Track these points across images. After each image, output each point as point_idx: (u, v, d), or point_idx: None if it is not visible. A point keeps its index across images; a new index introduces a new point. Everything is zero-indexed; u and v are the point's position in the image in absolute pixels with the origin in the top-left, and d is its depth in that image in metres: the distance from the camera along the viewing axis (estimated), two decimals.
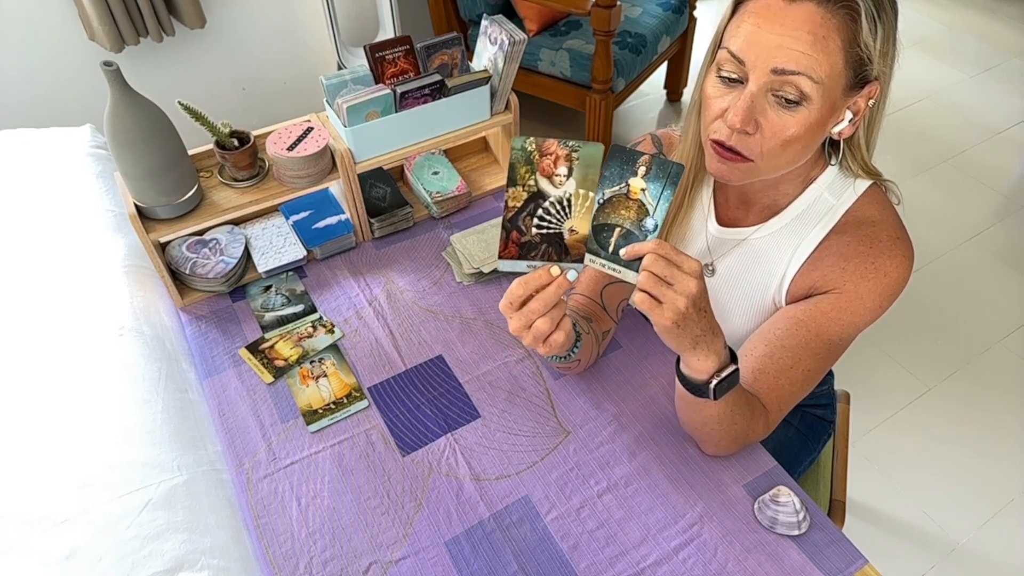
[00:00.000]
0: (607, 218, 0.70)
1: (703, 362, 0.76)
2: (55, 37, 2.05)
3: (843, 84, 0.75)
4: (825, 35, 0.72)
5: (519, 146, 0.67)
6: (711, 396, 0.77)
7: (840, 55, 0.73)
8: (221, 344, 1.12)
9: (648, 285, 0.69)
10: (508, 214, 0.69)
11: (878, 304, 0.85)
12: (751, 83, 0.75)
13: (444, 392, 1.04)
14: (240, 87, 2.43)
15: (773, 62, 0.73)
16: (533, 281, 0.71)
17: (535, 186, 0.68)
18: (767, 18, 0.73)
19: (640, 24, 2.38)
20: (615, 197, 0.69)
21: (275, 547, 0.88)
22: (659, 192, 0.68)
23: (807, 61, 0.72)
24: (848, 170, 0.88)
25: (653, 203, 0.69)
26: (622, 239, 0.70)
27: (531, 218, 0.69)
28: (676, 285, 0.69)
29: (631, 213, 0.70)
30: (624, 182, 0.69)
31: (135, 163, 1.03)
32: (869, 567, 0.84)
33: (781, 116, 0.76)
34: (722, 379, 0.76)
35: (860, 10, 0.72)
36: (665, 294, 0.69)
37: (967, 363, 1.96)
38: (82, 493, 0.85)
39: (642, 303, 0.70)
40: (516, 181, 0.68)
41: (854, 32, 0.73)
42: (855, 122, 0.80)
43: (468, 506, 0.92)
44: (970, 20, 3.34)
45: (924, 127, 2.74)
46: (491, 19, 1.18)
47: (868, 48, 0.74)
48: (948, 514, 1.65)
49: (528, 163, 0.68)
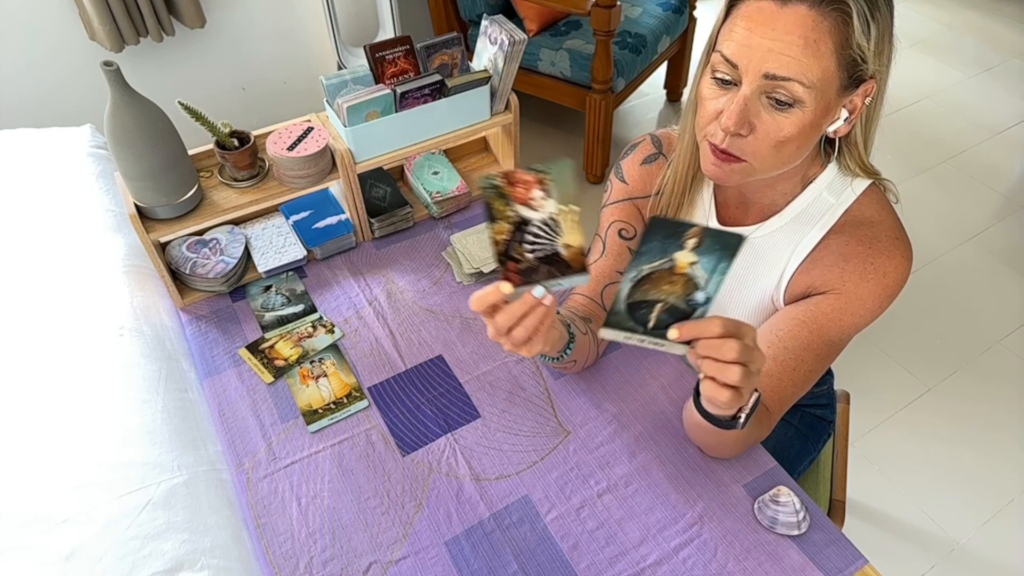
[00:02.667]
0: (645, 295, 0.64)
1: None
2: (55, 37, 2.05)
3: (837, 85, 0.75)
4: (817, 39, 0.72)
5: (487, 184, 0.65)
6: (740, 428, 0.77)
7: (832, 58, 0.73)
8: (221, 344, 1.12)
9: (743, 381, 0.65)
10: (498, 249, 0.67)
11: (877, 304, 0.85)
12: (744, 86, 0.75)
13: (444, 392, 1.04)
14: (240, 87, 2.43)
15: (765, 67, 0.73)
16: (484, 298, 0.68)
17: (516, 215, 0.66)
18: (759, 22, 0.73)
19: (640, 24, 2.38)
20: (656, 272, 0.63)
21: (275, 547, 0.88)
22: (713, 266, 0.62)
23: (799, 66, 0.72)
24: (846, 169, 0.88)
25: (706, 276, 0.63)
26: (665, 314, 0.65)
27: (521, 245, 0.67)
28: (752, 366, 0.66)
29: (677, 288, 0.64)
30: (668, 256, 0.62)
31: (135, 163, 1.03)
32: (869, 567, 0.84)
33: (775, 117, 0.76)
34: (750, 410, 0.76)
35: (852, 12, 0.71)
36: (749, 381, 0.66)
37: (967, 363, 1.96)
38: (82, 493, 0.85)
39: (731, 400, 0.66)
40: (495, 217, 0.66)
41: (847, 34, 0.72)
42: (851, 120, 0.80)
43: (468, 506, 0.92)
44: (970, 20, 3.34)
45: (924, 127, 2.74)
46: (491, 19, 1.18)
47: (862, 49, 0.73)
48: (948, 514, 1.65)
49: (501, 196, 0.65)
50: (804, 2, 0.71)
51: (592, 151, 2.44)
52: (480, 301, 0.69)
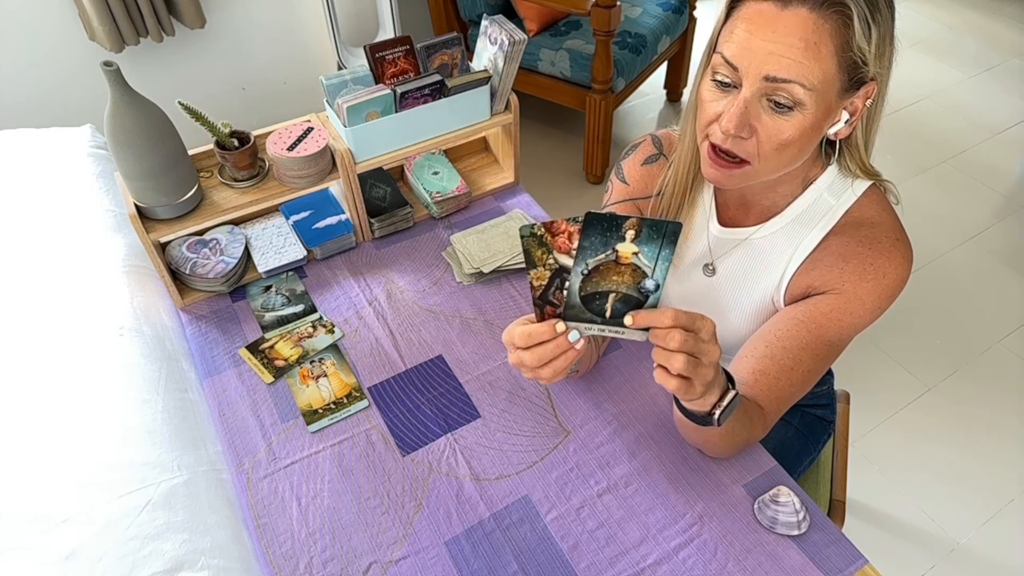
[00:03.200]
0: (597, 287, 0.66)
1: (707, 399, 0.75)
2: (55, 37, 2.05)
3: (838, 87, 0.75)
4: (817, 41, 0.71)
5: (528, 233, 0.65)
6: (715, 424, 0.77)
7: (833, 60, 0.73)
8: (221, 344, 1.12)
9: (686, 369, 0.67)
10: (536, 293, 0.68)
11: (877, 305, 0.85)
12: (744, 89, 0.75)
13: (444, 392, 1.04)
14: (240, 87, 2.43)
15: (765, 69, 0.73)
16: (536, 335, 0.69)
17: (555, 263, 0.66)
18: (759, 24, 0.73)
19: (640, 24, 2.38)
20: (602, 265, 0.65)
21: (275, 547, 0.88)
22: (656, 253, 0.64)
23: (799, 69, 0.72)
24: (847, 170, 0.88)
25: (650, 264, 0.65)
26: (620, 303, 0.67)
27: (560, 291, 0.68)
28: (704, 358, 0.67)
29: (626, 277, 0.66)
30: (611, 248, 0.64)
31: (135, 163, 1.03)
32: (869, 567, 0.84)
33: (776, 120, 0.76)
34: (724, 408, 0.76)
35: (853, 14, 0.71)
36: (698, 372, 0.68)
37: (967, 363, 1.96)
38: (82, 493, 0.85)
39: (678, 389, 0.68)
40: (535, 263, 0.66)
41: (847, 37, 0.72)
42: (852, 123, 0.80)
43: (468, 506, 0.92)
44: (970, 20, 3.34)
45: (924, 127, 2.74)
46: (491, 19, 1.18)
47: (862, 51, 0.73)
48: (948, 514, 1.65)
49: (542, 245, 0.66)
50: (805, 4, 0.71)
51: (592, 151, 2.44)
52: (530, 339, 0.69)
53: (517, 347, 0.71)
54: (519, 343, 0.70)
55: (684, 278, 1.01)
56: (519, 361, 0.71)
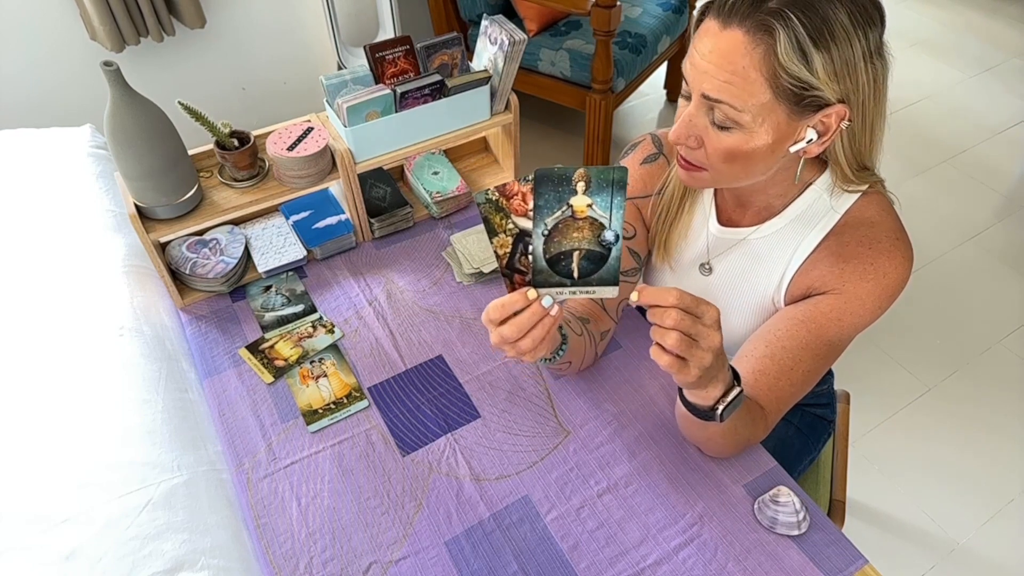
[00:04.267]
0: (560, 246, 0.66)
1: (710, 392, 0.75)
2: (55, 37, 2.05)
3: (782, 111, 0.74)
4: (746, 65, 0.72)
5: (483, 199, 0.66)
6: (718, 420, 0.77)
7: (764, 85, 0.72)
8: (221, 344, 1.12)
9: (679, 347, 0.66)
10: (502, 262, 0.68)
11: (877, 305, 0.85)
12: (692, 103, 0.78)
13: (444, 392, 1.04)
14: (240, 87, 2.43)
15: (702, 87, 0.75)
16: (510, 306, 0.69)
17: (515, 228, 0.67)
18: (703, 42, 0.75)
19: (640, 24, 2.38)
20: (560, 223, 0.65)
21: (275, 547, 0.88)
22: (608, 202, 0.64)
23: (729, 91, 0.73)
24: (835, 179, 0.87)
25: (606, 215, 0.65)
26: (585, 261, 0.67)
27: (526, 256, 0.68)
28: (702, 342, 0.67)
29: (585, 232, 0.66)
30: (564, 204, 0.64)
31: (135, 163, 1.03)
32: (869, 567, 0.84)
33: (719, 135, 0.78)
34: (728, 403, 0.76)
35: (776, 47, 0.70)
36: (693, 354, 0.67)
37: (967, 363, 1.96)
38: (82, 493, 0.86)
39: (670, 366, 0.68)
40: (495, 231, 0.67)
41: (774, 66, 0.71)
42: (824, 142, 0.78)
43: (468, 506, 0.92)
44: (970, 20, 3.34)
45: (924, 127, 2.74)
46: (491, 19, 1.18)
47: (797, 78, 0.72)
48: (948, 514, 1.65)
49: (499, 210, 0.66)
50: (741, 27, 0.72)
51: (592, 151, 2.43)
52: (503, 310, 0.69)
53: (493, 320, 0.70)
54: (494, 316, 0.69)
55: (681, 277, 1.01)
56: (500, 338, 0.70)
